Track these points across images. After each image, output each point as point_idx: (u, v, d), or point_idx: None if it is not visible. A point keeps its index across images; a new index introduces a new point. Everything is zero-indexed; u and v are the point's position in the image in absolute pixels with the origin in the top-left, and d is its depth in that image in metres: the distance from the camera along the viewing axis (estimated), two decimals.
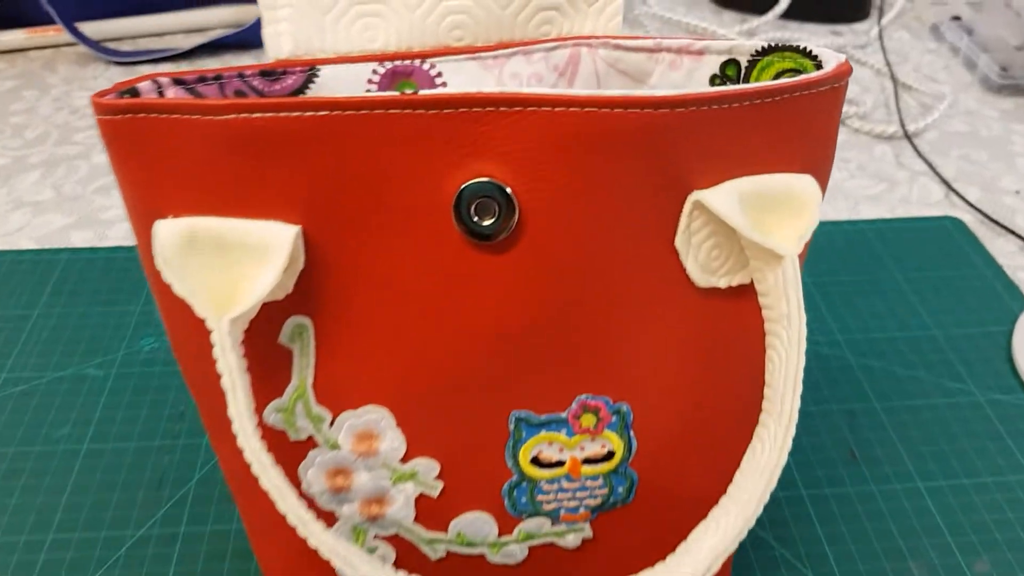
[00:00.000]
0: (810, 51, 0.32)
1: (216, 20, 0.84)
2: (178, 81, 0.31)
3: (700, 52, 0.34)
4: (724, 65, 0.34)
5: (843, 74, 0.30)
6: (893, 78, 0.75)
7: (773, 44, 0.32)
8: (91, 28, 0.81)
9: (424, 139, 0.27)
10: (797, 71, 0.32)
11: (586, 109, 0.27)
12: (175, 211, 0.28)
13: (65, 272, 0.56)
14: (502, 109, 0.27)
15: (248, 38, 0.80)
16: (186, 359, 0.32)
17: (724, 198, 0.28)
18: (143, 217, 0.29)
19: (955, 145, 0.68)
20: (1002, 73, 0.75)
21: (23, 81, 0.77)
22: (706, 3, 0.92)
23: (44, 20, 0.80)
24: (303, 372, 0.31)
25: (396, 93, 0.27)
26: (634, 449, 0.32)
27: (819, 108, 0.30)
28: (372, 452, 0.32)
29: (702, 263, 0.30)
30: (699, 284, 0.30)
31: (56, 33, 0.80)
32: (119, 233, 0.59)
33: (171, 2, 0.84)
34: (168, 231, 0.28)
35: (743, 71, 0.33)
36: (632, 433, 0.32)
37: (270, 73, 0.33)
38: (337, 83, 0.34)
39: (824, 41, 0.83)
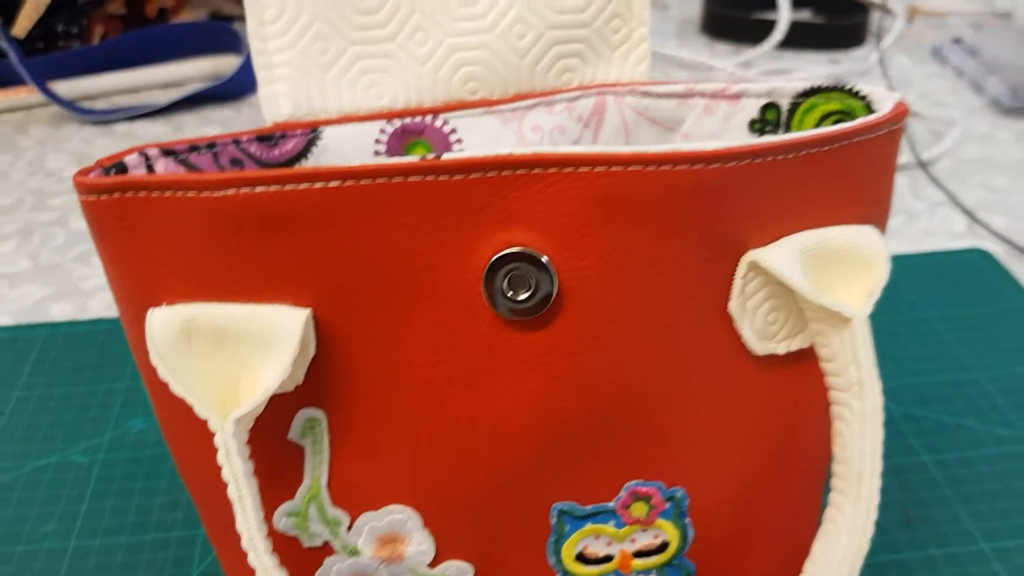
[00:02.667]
0: (857, 91, 0.29)
1: (193, 73, 0.81)
2: (168, 152, 0.28)
3: (737, 96, 0.31)
4: (764, 109, 0.31)
5: (901, 115, 0.27)
6: None
7: (817, 85, 0.29)
8: (64, 87, 0.78)
9: (448, 209, 0.24)
10: (845, 113, 0.29)
11: (628, 168, 0.23)
12: (169, 298, 0.25)
13: (45, 349, 0.52)
14: (535, 171, 0.24)
15: (228, 90, 0.77)
16: (184, 459, 0.28)
17: (782, 257, 0.25)
18: (134, 305, 0.26)
19: (973, 172, 0.66)
20: (1013, 95, 0.72)
21: None
22: (698, 36, 0.90)
23: (14, 81, 0.77)
24: (316, 471, 0.27)
25: (412, 158, 0.23)
26: (690, 538, 0.29)
27: (877, 154, 0.27)
28: (397, 557, 0.28)
29: (758, 329, 0.27)
30: (756, 352, 0.27)
31: (28, 94, 0.77)
32: (100, 303, 0.56)
33: (145, 57, 0.80)
34: (163, 322, 0.25)
35: (784, 115, 0.30)
36: (688, 520, 0.29)
37: (268, 138, 0.30)
38: (342, 145, 0.30)
39: (823, 70, 0.81)
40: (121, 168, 0.26)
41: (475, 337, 0.25)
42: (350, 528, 0.28)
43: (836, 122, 0.29)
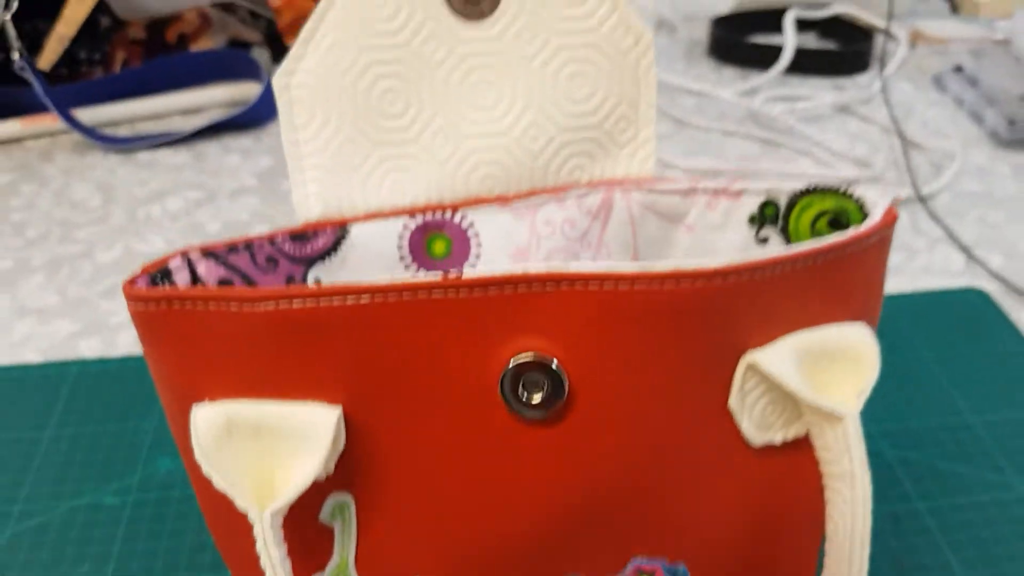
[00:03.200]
0: (851, 193, 0.31)
1: (213, 100, 0.83)
2: (208, 253, 0.30)
3: (737, 193, 0.33)
4: (763, 206, 0.33)
5: (891, 222, 0.29)
6: (901, 136, 0.75)
7: (813, 186, 0.31)
8: (87, 114, 0.80)
9: (468, 319, 0.26)
10: (838, 212, 0.31)
11: (635, 286, 0.26)
12: (211, 395, 0.27)
13: (75, 387, 0.55)
14: (547, 287, 0.26)
15: (248, 118, 0.79)
16: (222, 535, 0.31)
17: (779, 358, 0.27)
18: (178, 400, 0.28)
19: (971, 206, 0.68)
20: (1010, 127, 0.74)
21: (21, 174, 0.76)
22: (705, 59, 0.91)
23: (39, 108, 0.79)
24: (345, 548, 0.30)
25: (435, 275, 0.26)
26: None
27: (868, 258, 0.29)
28: None
29: (757, 421, 0.29)
30: (754, 443, 0.29)
31: (52, 121, 0.79)
32: (127, 340, 0.58)
33: (167, 84, 0.83)
34: (206, 418, 0.27)
35: (782, 211, 0.32)
36: None
37: (301, 236, 0.32)
38: (368, 240, 0.33)
39: (828, 96, 0.82)
40: (165, 273, 0.28)
41: (492, 432, 0.27)
42: None
43: (831, 220, 0.31)
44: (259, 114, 0.80)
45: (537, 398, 0.27)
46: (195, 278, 0.30)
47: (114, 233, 0.68)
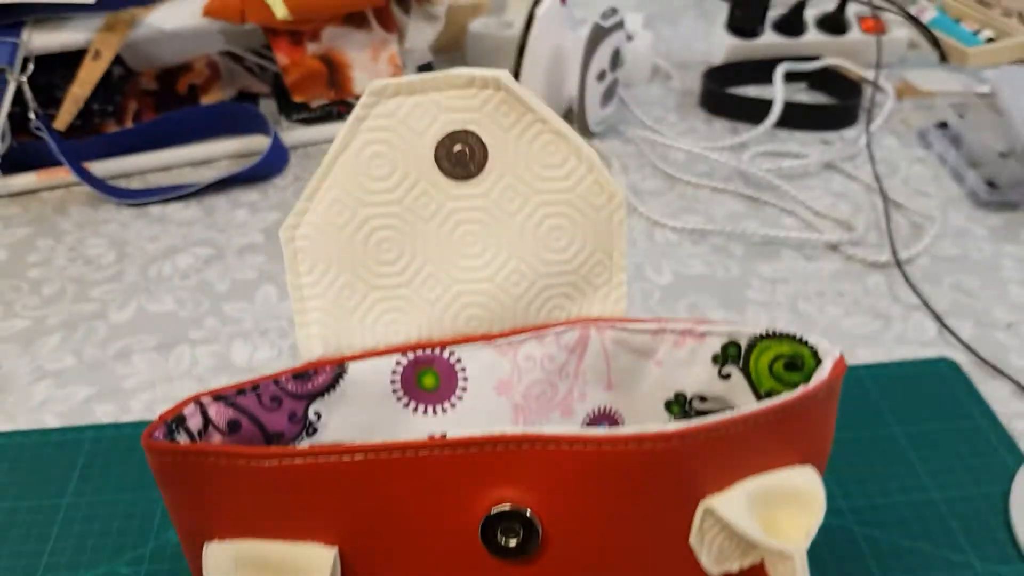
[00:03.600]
0: (806, 340, 0.34)
1: (222, 152, 0.86)
2: (218, 397, 0.33)
3: (702, 335, 0.36)
4: (725, 346, 0.36)
5: (839, 375, 0.32)
6: (883, 195, 0.77)
7: (771, 332, 0.35)
8: (101, 166, 0.83)
9: (452, 474, 0.29)
10: (793, 356, 0.34)
11: (602, 447, 0.29)
12: (220, 535, 0.31)
13: (91, 454, 0.58)
14: (523, 446, 0.29)
15: (256, 173, 0.82)
16: None
17: (733, 504, 0.30)
18: (192, 536, 0.31)
19: (947, 272, 0.70)
20: (989, 189, 0.77)
21: (37, 228, 0.79)
22: (697, 110, 0.94)
23: (54, 161, 0.82)
24: None
25: (420, 438, 0.29)
26: None
27: (819, 406, 0.32)
28: None
29: (715, 556, 0.32)
30: (713, 573, 0.32)
31: (66, 174, 0.82)
32: (140, 404, 0.61)
33: (177, 136, 0.86)
34: (215, 558, 0.30)
35: (743, 351, 0.35)
36: None
37: (303, 375, 0.35)
38: (364, 376, 0.36)
39: (815, 151, 0.85)
40: (180, 419, 0.32)
41: (474, 571, 0.31)
42: None
43: (787, 363, 0.34)
44: (267, 168, 0.83)
45: (513, 542, 0.30)
46: (207, 420, 0.33)
47: (127, 291, 0.71)
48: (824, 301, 0.68)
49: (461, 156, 0.35)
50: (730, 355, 0.36)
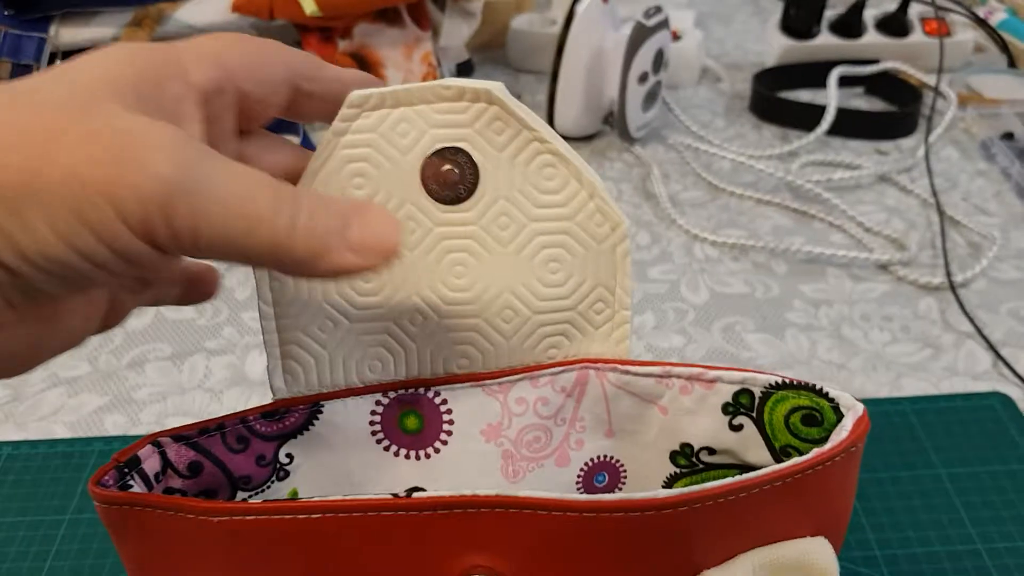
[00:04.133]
0: (826, 392, 0.30)
1: None
2: (179, 438, 0.31)
3: (711, 381, 0.33)
4: (737, 394, 0.32)
5: (861, 435, 0.28)
6: (940, 211, 0.73)
7: (787, 381, 0.31)
8: None
9: (418, 536, 0.27)
10: (812, 409, 0.31)
11: (582, 515, 0.26)
12: None
13: (97, 467, 0.56)
14: (497, 510, 0.26)
15: None
16: None
17: None
18: None
19: (1005, 297, 0.66)
20: None
21: None
22: (746, 114, 0.90)
23: None
24: None
25: (391, 495, 0.26)
26: None
27: (837, 471, 0.28)
28: None
29: None
30: None
31: None
32: (151, 416, 0.60)
33: None
34: None
35: (756, 401, 0.32)
36: None
37: (272, 414, 0.33)
38: (341, 416, 0.33)
39: (869, 161, 0.81)
40: (133, 462, 0.29)
41: None
42: None
43: (805, 416, 0.31)
44: None
45: None
46: (166, 462, 0.31)
47: None
48: (870, 326, 0.64)
49: (450, 177, 0.32)
50: (742, 405, 0.32)
